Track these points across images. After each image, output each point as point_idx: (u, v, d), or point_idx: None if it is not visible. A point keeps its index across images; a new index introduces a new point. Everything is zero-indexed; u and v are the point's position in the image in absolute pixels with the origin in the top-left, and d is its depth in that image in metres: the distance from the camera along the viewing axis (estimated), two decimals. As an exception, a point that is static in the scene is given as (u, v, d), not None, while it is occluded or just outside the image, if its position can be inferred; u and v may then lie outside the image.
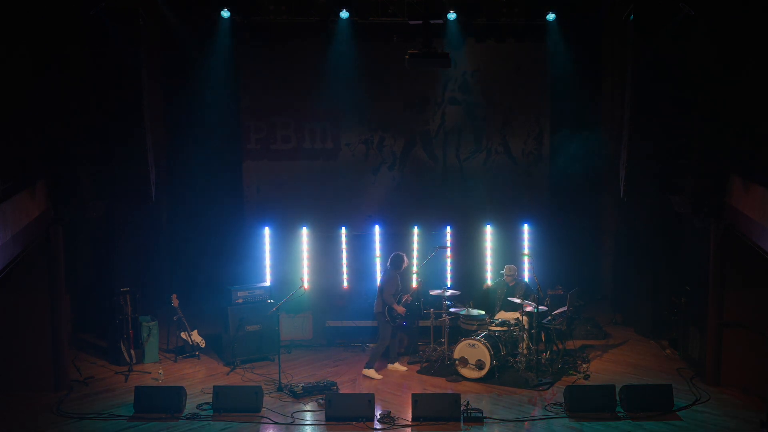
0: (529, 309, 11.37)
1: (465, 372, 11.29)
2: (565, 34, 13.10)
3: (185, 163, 14.49)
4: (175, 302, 12.15)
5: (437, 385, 11.18)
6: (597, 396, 10.19)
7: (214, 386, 10.37)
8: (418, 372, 11.66)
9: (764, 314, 10.77)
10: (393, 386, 11.13)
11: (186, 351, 12.28)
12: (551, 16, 12.78)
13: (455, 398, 9.98)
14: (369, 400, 9.97)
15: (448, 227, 13.42)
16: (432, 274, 12.94)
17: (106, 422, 9.90)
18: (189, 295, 13.25)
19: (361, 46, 13.19)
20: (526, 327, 11.50)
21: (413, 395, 10.02)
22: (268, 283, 12.88)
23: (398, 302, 11.41)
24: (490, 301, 12.53)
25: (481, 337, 11.31)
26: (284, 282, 12.96)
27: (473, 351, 11.22)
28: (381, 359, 11.65)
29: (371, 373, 11.39)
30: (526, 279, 12.81)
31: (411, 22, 12.04)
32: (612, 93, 14.18)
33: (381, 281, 11.68)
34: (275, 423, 9.92)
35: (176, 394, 10.19)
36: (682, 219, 12.05)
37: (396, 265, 11.51)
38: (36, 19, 10.08)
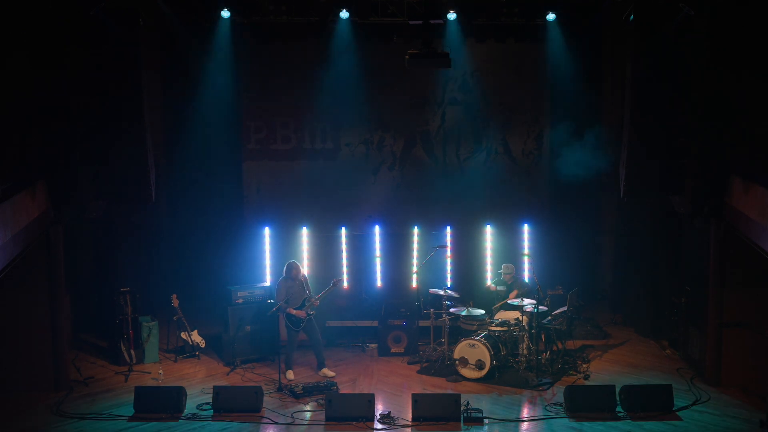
0: (519, 302, 11.39)
1: (465, 372, 11.28)
2: (565, 34, 13.08)
3: (185, 163, 14.49)
4: (175, 302, 12.14)
5: (437, 385, 11.18)
6: (597, 396, 10.18)
7: (214, 386, 10.37)
8: (418, 372, 11.66)
9: (764, 314, 10.77)
10: (393, 386, 11.13)
11: (186, 351, 12.28)
12: (551, 16, 12.77)
13: (455, 398, 9.98)
14: (369, 400, 9.96)
15: (448, 227, 13.40)
16: (432, 274, 12.93)
17: (106, 422, 9.90)
18: (189, 296, 13.24)
19: (361, 46, 13.19)
20: (526, 327, 11.51)
21: (413, 395, 10.01)
22: (268, 283, 12.86)
23: (301, 307, 11.33)
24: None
25: (481, 337, 11.31)
26: (284, 282, 12.93)
27: (473, 351, 11.21)
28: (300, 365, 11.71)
29: (290, 374, 11.35)
30: (527, 279, 12.80)
31: (411, 22, 12.05)
32: (612, 93, 14.17)
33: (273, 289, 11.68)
34: (275, 423, 9.92)
35: (176, 394, 10.19)
36: (682, 219, 12.04)
37: (287, 273, 11.44)
38: (36, 18, 10.07)
